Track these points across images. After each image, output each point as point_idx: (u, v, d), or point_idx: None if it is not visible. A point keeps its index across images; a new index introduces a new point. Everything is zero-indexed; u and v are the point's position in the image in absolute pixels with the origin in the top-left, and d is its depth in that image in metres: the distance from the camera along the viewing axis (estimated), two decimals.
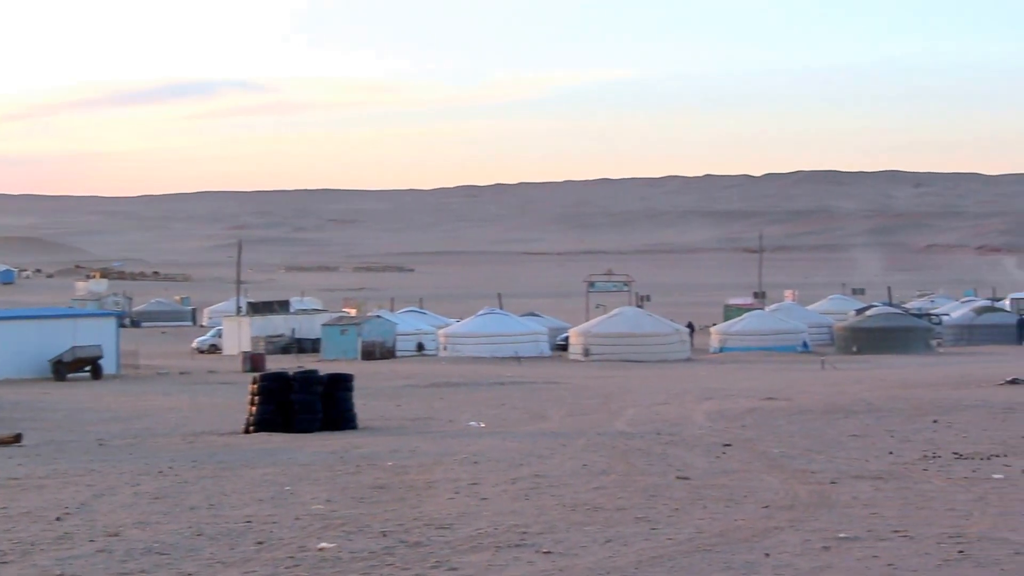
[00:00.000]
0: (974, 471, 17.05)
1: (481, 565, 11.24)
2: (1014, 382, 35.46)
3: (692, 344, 63.62)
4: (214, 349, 67.64)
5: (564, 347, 63.32)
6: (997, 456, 18.72)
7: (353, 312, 75.48)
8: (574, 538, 12.40)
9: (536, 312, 76.83)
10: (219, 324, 74.19)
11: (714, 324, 76.94)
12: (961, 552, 11.26)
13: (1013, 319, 77.88)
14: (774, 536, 12.31)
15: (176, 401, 33.32)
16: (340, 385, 25.70)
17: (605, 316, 63.28)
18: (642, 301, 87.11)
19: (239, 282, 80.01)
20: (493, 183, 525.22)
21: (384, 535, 12.81)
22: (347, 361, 54.84)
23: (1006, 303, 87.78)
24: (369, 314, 69.70)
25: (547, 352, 63.48)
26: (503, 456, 19.63)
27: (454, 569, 11.13)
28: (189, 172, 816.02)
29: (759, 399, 30.30)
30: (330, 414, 24.98)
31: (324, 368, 32.84)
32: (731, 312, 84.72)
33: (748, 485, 16.06)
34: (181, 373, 46.71)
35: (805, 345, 66.96)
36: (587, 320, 66.64)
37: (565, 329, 68.28)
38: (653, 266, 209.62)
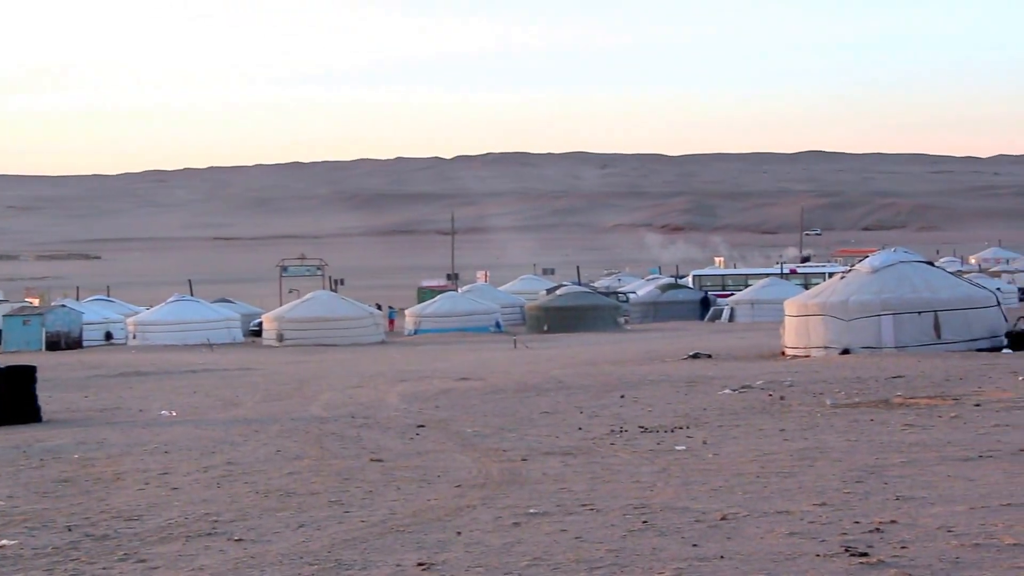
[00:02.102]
0: (658, 443, 17.61)
1: (171, 556, 10.98)
2: (696, 356, 36.87)
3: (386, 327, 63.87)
4: None
5: (257, 333, 62.66)
6: (680, 428, 19.39)
7: (36, 302, 72.88)
8: (267, 524, 12.26)
9: (228, 298, 75.80)
10: None
11: (385, 305, 77.37)
12: (645, 522, 11.59)
13: (696, 295, 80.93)
14: (466, 514, 12.43)
15: None
16: (22, 377, 24.71)
17: (298, 300, 62.85)
18: (336, 285, 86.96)
19: None
20: (182, 167, 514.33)
21: (69, 529, 12.38)
22: (31, 352, 52.92)
23: (689, 280, 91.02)
24: (53, 303, 67.40)
25: (240, 338, 62.72)
26: (195, 444, 19.27)
27: (143, 561, 10.84)
28: None
29: (453, 380, 30.61)
30: (12, 407, 23.99)
31: (6, 360, 31.56)
32: (424, 294, 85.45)
33: (441, 465, 16.19)
34: None
35: (498, 325, 68.02)
36: (280, 305, 66.09)
37: (258, 315, 67.58)
38: (347, 249, 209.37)
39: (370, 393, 27.89)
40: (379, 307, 69.83)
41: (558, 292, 73.83)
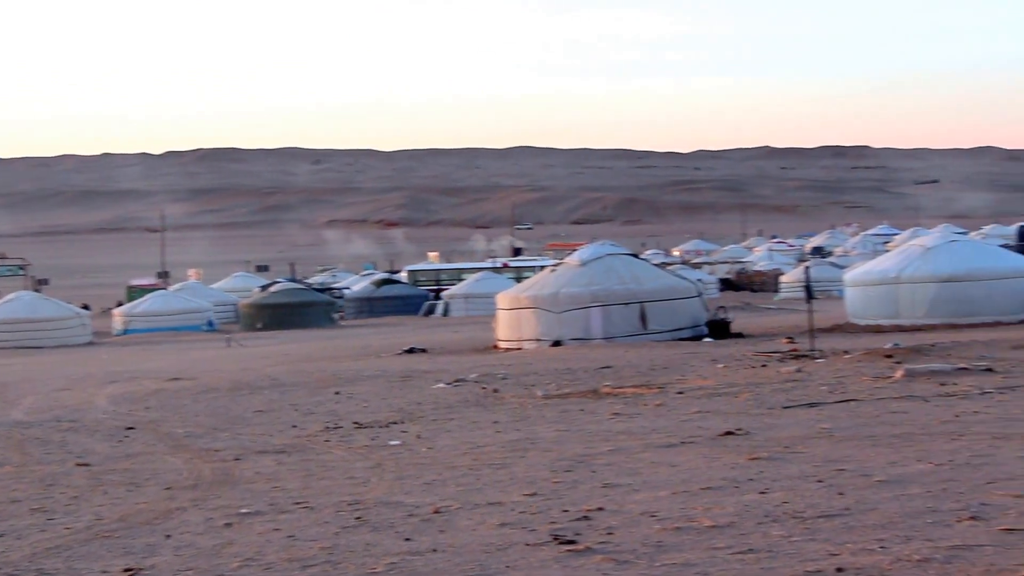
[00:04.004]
0: (373, 439, 17.62)
1: None
2: (411, 351, 37.09)
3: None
4: None
5: None
6: (394, 423, 19.44)
7: None
8: None
9: None
10: None
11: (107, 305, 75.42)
12: (359, 518, 11.58)
13: (411, 291, 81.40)
14: (176, 517, 12.19)
15: None
16: None
17: None
18: (39, 285, 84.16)
19: None
20: None
21: None
22: None
23: (403, 275, 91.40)
24: None
25: None
26: None
27: None
28: None
29: (164, 380, 29.96)
30: None
31: None
32: (134, 293, 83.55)
33: (151, 467, 15.83)
34: None
35: (211, 324, 66.98)
36: None
37: None
38: (51, 248, 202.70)
39: (77, 396, 27.03)
40: (86, 307, 67.85)
41: (272, 289, 73.10)
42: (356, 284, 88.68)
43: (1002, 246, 58.49)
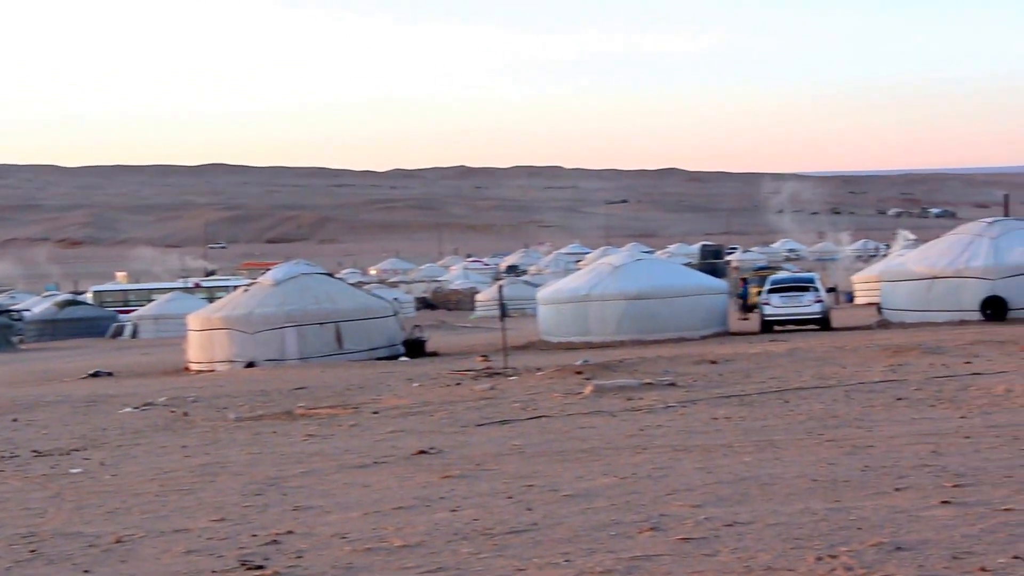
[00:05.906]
0: (53, 467, 16.95)
1: None
2: (96, 375, 36.03)
3: None
4: None
5: None
6: (77, 450, 18.77)
7: None
8: None
9: None
10: None
11: None
12: (33, 551, 11.07)
13: (97, 312, 79.07)
14: None
15: None
16: None
17: None
18: None
19: None
20: None
21: None
22: None
23: (89, 296, 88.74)
24: None
25: None
26: None
27: None
28: None
29: None
30: None
31: None
32: None
33: None
34: None
35: None
36: None
37: None
38: None
39: None
40: None
41: None
42: (37, 305, 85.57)
43: (686, 264, 60.78)
